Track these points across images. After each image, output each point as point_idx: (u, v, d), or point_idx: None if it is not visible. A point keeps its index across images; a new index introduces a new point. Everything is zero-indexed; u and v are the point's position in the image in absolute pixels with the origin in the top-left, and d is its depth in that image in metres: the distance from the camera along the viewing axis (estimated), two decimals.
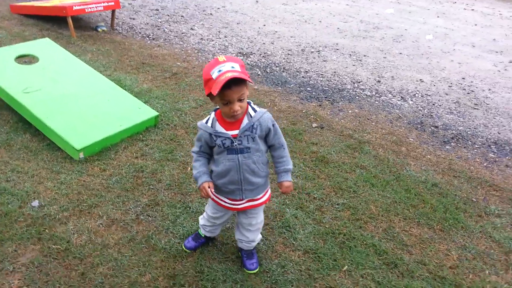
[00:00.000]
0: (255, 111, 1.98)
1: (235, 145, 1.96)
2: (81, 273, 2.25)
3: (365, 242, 2.67)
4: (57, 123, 3.35)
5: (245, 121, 1.95)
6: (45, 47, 4.40)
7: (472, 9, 10.75)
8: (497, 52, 7.41)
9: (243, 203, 2.14)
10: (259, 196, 2.16)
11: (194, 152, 2.09)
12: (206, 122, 2.00)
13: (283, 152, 2.11)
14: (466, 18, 9.72)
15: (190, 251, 2.44)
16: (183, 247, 2.45)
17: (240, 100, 1.85)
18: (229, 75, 1.74)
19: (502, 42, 8.04)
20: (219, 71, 1.77)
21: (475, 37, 8.24)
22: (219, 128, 1.96)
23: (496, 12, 10.75)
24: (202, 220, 2.42)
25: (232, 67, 1.79)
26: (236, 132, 1.95)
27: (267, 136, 2.03)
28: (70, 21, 5.82)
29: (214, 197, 2.16)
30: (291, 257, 2.50)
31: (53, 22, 6.25)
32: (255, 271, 2.36)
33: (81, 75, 4.10)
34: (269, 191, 2.24)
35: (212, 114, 2.01)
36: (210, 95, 1.85)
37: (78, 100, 3.70)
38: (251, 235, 2.31)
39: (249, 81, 1.83)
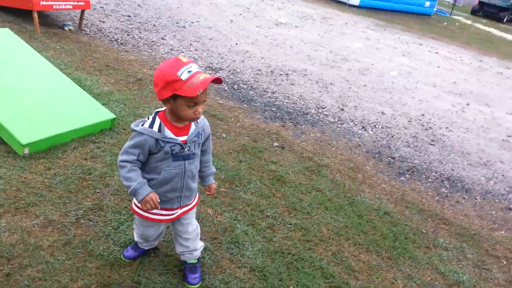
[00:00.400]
0: None
1: (185, 151, 1.88)
2: (6, 273, 2.06)
3: (313, 264, 2.62)
4: (4, 115, 3.14)
5: (193, 126, 1.91)
6: (3, 37, 4.19)
7: (436, 52, 11.27)
8: (456, 94, 7.74)
9: (178, 211, 2.07)
10: (190, 201, 2.12)
11: (128, 161, 1.82)
12: (151, 127, 1.83)
13: (210, 156, 2.16)
14: (430, 60, 10.16)
15: (129, 260, 2.30)
16: (122, 256, 2.31)
17: (202, 103, 1.81)
18: (207, 75, 1.71)
19: (461, 85, 8.42)
20: (189, 71, 1.70)
21: (437, 78, 8.60)
22: (168, 133, 1.85)
23: (458, 58, 11.31)
24: (136, 237, 2.28)
25: (198, 68, 1.76)
26: (185, 138, 1.88)
27: (204, 142, 2.04)
28: (35, 15, 5.61)
29: (141, 211, 2.03)
30: (236, 273, 2.41)
31: (18, 15, 6.00)
32: (196, 286, 2.24)
33: (38, 70, 3.91)
34: (197, 195, 2.20)
35: (157, 119, 1.85)
36: (169, 98, 1.75)
37: (31, 95, 3.51)
38: (191, 243, 2.22)
39: (221, 84, 1.88)
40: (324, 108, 5.58)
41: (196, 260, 2.31)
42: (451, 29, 17.24)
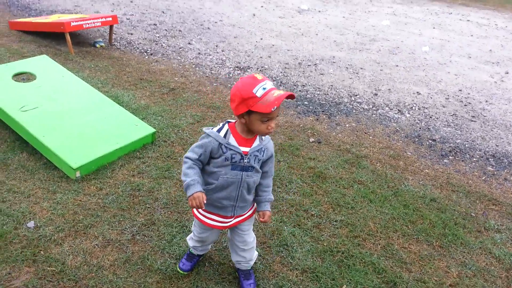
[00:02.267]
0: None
1: (244, 162, 1.95)
2: None
3: (363, 260, 2.65)
4: (53, 142, 3.33)
5: (257, 141, 1.97)
6: (42, 64, 4.41)
7: (468, 20, 10.83)
8: (493, 63, 7.44)
9: (232, 220, 2.14)
10: (245, 211, 2.17)
11: (190, 158, 1.94)
12: (218, 132, 1.93)
13: (271, 181, 2.15)
14: (462, 29, 9.78)
15: (186, 272, 2.41)
16: (178, 269, 2.42)
17: (275, 118, 1.88)
18: (281, 92, 1.78)
19: (498, 52, 8.08)
20: (264, 88, 1.78)
21: (471, 48, 8.28)
22: (233, 141, 1.93)
23: (492, 22, 10.82)
24: (191, 241, 2.40)
25: (273, 85, 1.83)
26: (247, 149, 1.94)
27: (265, 162, 2.06)
28: (68, 37, 5.84)
29: (200, 215, 2.15)
30: (289, 276, 2.48)
31: (52, 39, 6.27)
32: None
33: (78, 92, 4.10)
34: (254, 206, 2.23)
35: (226, 126, 1.95)
36: (244, 113, 1.84)
37: (75, 118, 3.69)
38: (248, 254, 2.30)
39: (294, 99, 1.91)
40: (356, 95, 5.52)
41: (250, 267, 2.39)
42: None
